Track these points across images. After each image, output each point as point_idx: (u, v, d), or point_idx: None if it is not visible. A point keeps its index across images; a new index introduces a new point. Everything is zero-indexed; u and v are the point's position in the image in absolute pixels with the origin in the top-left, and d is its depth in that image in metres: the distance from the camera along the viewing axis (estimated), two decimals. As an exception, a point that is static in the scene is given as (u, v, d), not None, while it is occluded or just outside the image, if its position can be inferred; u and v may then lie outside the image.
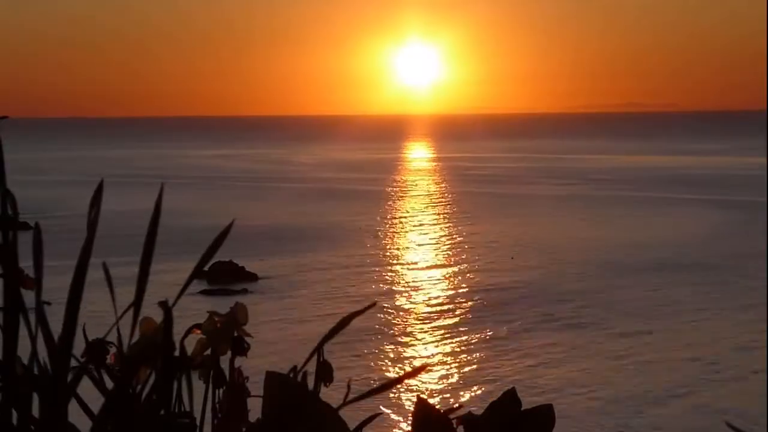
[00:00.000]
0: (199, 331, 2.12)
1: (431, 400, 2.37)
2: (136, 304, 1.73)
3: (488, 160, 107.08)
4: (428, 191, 70.52)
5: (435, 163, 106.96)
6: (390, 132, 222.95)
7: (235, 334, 2.12)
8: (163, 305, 1.70)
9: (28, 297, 1.76)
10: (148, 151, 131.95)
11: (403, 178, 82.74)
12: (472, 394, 21.03)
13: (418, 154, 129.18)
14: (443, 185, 75.84)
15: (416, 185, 75.71)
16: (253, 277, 33.53)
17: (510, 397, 2.31)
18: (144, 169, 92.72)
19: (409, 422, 2.30)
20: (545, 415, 2.30)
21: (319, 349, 2.02)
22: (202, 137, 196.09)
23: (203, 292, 30.61)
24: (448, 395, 20.86)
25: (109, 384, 1.85)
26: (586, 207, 56.35)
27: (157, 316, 1.84)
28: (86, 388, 1.79)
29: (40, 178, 77.24)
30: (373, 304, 1.85)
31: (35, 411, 1.71)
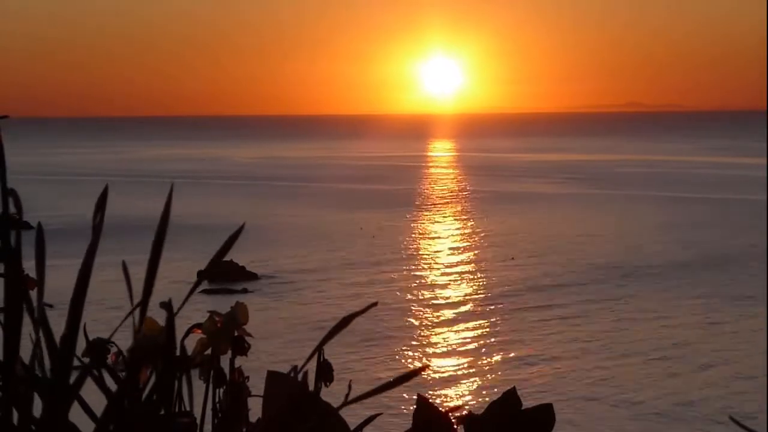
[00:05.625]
0: (199, 331, 2.12)
1: (432, 399, 2.37)
2: (143, 304, 1.73)
3: (488, 158, 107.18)
4: (431, 191, 70.48)
5: (436, 162, 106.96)
6: (403, 132, 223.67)
7: (236, 334, 2.12)
8: (166, 306, 1.71)
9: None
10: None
11: (403, 177, 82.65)
12: (473, 393, 21.03)
13: (422, 153, 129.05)
14: (447, 184, 75.82)
15: (417, 185, 75.66)
16: (253, 277, 33.51)
17: (510, 397, 2.32)
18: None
19: (410, 422, 2.30)
20: (545, 414, 2.31)
21: (319, 349, 2.02)
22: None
23: (203, 292, 30.58)
24: (449, 394, 20.86)
25: (110, 383, 1.85)
26: (585, 205, 56.36)
27: (158, 315, 1.84)
28: (86, 388, 1.79)
29: None
30: (374, 304, 1.85)
31: (36, 411, 1.71)
